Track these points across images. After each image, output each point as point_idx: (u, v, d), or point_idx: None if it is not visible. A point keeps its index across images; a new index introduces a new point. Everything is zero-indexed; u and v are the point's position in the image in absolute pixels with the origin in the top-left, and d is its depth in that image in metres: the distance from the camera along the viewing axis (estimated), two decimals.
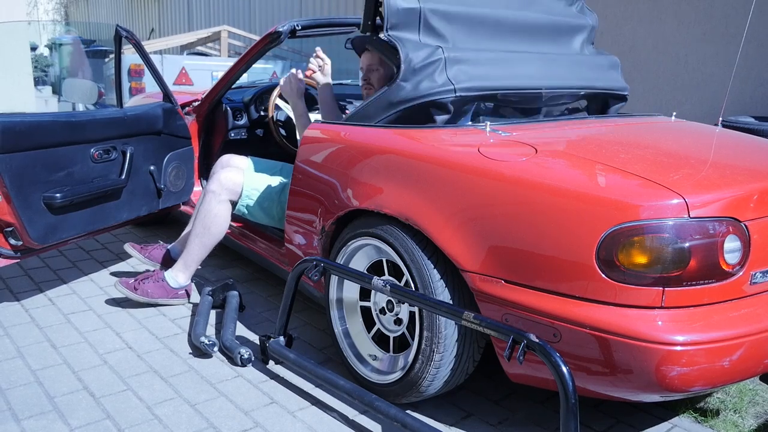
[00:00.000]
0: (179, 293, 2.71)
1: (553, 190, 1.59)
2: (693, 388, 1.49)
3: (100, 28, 16.07)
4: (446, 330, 1.79)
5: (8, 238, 2.40)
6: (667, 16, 5.12)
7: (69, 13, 20.74)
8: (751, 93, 4.63)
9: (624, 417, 1.99)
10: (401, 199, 1.87)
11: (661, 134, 2.20)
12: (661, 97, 5.18)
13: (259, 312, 2.71)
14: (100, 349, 2.32)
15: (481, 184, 1.71)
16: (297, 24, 2.71)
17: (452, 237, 1.73)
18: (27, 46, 8.25)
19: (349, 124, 2.23)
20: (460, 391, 2.10)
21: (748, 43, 4.42)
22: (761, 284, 1.60)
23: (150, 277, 2.69)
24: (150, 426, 1.87)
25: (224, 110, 3.29)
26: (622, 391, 1.56)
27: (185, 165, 3.13)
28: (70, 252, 3.38)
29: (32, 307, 2.68)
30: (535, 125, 2.18)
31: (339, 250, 2.10)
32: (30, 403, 1.97)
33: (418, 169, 1.86)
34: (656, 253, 1.47)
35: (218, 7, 11.60)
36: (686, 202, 1.48)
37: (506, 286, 1.65)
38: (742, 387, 2.16)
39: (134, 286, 2.64)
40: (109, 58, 8.42)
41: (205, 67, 6.95)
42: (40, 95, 10.10)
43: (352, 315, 2.17)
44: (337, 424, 1.92)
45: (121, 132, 2.73)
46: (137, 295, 2.63)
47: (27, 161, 2.32)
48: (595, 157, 1.74)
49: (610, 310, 1.51)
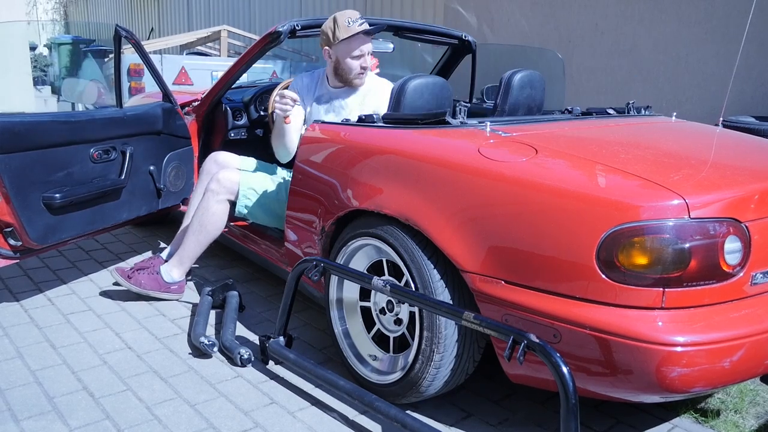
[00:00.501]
0: (172, 288, 2.70)
1: (553, 190, 1.59)
2: (693, 388, 1.49)
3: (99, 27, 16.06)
4: (446, 330, 1.78)
5: (8, 239, 2.40)
6: (668, 16, 5.11)
7: (68, 13, 20.72)
8: (751, 93, 4.63)
9: (624, 417, 1.99)
10: (401, 200, 1.87)
11: (661, 134, 2.19)
12: (661, 97, 5.18)
13: (259, 312, 2.71)
14: (99, 350, 2.32)
15: (482, 185, 1.71)
16: (297, 24, 2.71)
17: (452, 237, 1.73)
18: (26, 45, 8.25)
19: (349, 124, 2.23)
20: (460, 391, 2.10)
21: (748, 43, 4.41)
22: (762, 285, 1.60)
23: (146, 269, 2.69)
24: (150, 426, 1.87)
25: (224, 110, 3.29)
26: (623, 392, 1.56)
27: (185, 165, 3.13)
28: (70, 252, 3.38)
29: (32, 307, 2.68)
30: (535, 126, 2.18)
31: (339, 250, 2.10)
32: (29, 404, 1.96)
33: (418, 170, 1.86)
34: (656, 254, 1.47)
35: (218, 7, 11.59)
36: (686, 203, 1.48)
37: (506, 286, 1.65)
38: (742, 387, 2.16)
39: (128, 274, 2.66)
40: (109, 57, 8.41)
41: (204, 67, 6.94)
42: (39, 95, 10.09)
43: (352, 315, 2.16)
44: (337, 424, 1.91)
45: (120, 132, 2.73)
46: (129, 284, 2.64)
47: (26, 161, 2.31)
48: (595, 158, 1.74)
49: (611, 311, 1.50)
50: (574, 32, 5.76)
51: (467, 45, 3.40)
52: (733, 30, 4.71)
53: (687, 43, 5.02)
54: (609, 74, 5.57)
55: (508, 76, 2.49)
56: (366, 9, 8.01)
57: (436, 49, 3.93)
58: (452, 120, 2.08)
